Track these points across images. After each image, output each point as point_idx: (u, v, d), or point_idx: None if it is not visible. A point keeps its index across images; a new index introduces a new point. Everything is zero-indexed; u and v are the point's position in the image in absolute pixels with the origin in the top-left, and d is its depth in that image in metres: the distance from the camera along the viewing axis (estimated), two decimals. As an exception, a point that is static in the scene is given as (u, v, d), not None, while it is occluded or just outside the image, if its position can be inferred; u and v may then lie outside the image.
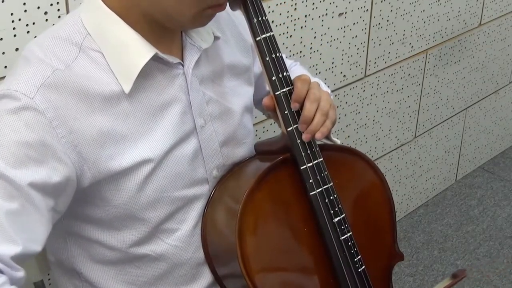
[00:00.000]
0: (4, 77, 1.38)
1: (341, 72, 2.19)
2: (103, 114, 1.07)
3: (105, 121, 1.07)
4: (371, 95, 2.35)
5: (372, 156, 2.47)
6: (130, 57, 1.08)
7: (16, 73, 1.06)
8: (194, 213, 1.19)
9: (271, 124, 1.98)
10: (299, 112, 1.16)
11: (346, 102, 2.26)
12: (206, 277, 1.23)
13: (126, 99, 1.09)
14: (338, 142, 1.27)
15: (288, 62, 1.38)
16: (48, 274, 1.53)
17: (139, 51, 1.08)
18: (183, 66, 1.15)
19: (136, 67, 1.08)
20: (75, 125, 1.04)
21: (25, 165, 1.00)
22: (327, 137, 1.25)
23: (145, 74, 1.10)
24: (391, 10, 2.27)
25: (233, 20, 1.28)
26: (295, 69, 1.42)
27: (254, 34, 1.15)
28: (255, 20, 1.15)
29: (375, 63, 2.30)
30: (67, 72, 1.05)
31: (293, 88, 1.16)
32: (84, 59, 1.07)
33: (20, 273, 1.00)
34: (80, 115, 1.05)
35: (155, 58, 1.09)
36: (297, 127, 1.16)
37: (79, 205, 1.12)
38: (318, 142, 1.19)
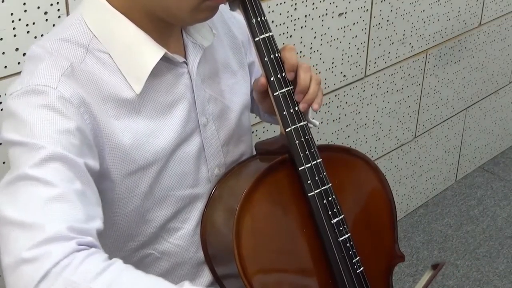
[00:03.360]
0: (4, 77, 1.38)
1: (341, 72, 2.19)
2: (116, 111, 1.06)
3: (118, 118, 1.06)
4: (371, 95, 2.35)
5: (372, 156, 2.47)
6: (140, 57, 1.07)
7: (29, 71, 1.03)
8: (196, 212, 1.20)
9: (271, 124, 1.97)
10: (297, 113, 1.16)
11: (346, 102, 2.26)
12: (207, 276, 1.23)
13: (137, 99, 1.08)
14: (317, 123, 1.25)
15: None
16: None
17: (148, 51, 1.07)
18: (187, 64, 1.15)
19: (146, 67, 1.07)
20: (97, 114, 1.03)
21: (69, 151, 0.96)
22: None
23: (154, 74, 1.09)
24: (391, 10, 2.26)
25: (223, 16, 1.27)
26: None
27: (253, 35, 1.15)
28: (254, 20, 1.14)
29: (375, 63, 2.30)
30: (80, 69, 1.04)
31: (292, 89, 1.16)
32: (92, 60, 1.05)
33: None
34: (98, 106, 1.04)
35: (163, 57, 1.09)
36: (295, 127, 1.15)
37: None
38: (317, 143, 1.19)
